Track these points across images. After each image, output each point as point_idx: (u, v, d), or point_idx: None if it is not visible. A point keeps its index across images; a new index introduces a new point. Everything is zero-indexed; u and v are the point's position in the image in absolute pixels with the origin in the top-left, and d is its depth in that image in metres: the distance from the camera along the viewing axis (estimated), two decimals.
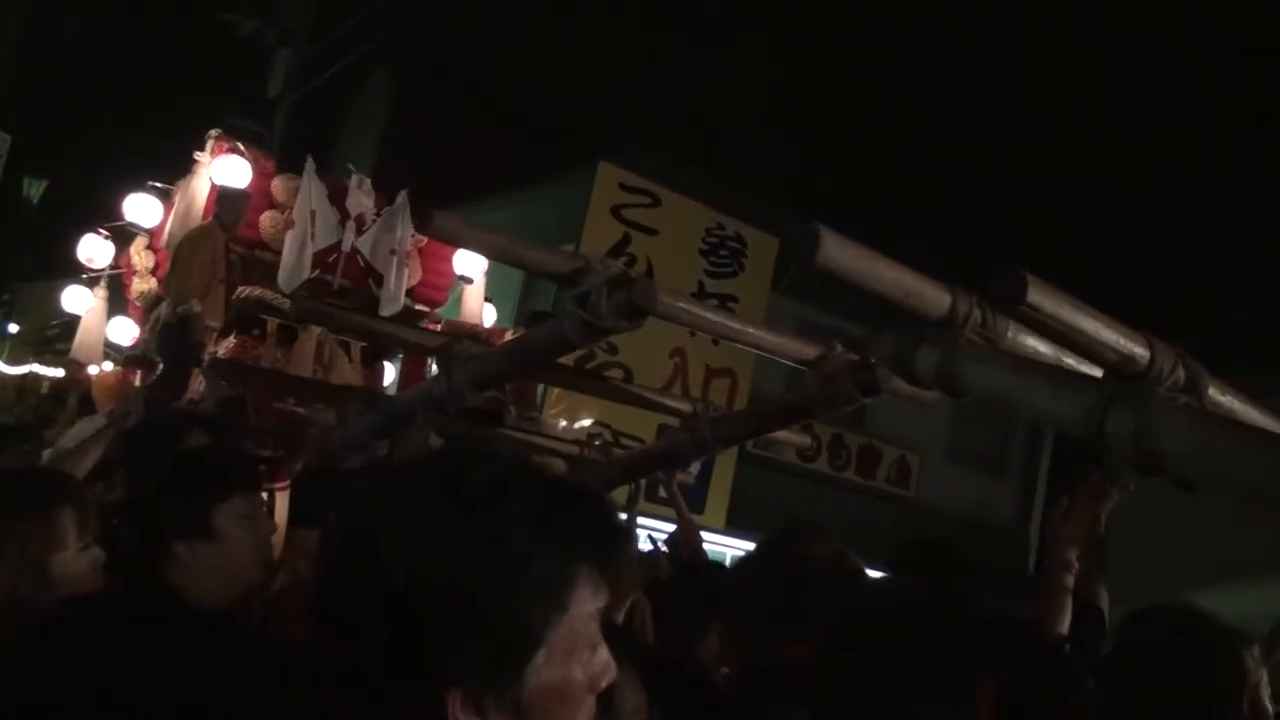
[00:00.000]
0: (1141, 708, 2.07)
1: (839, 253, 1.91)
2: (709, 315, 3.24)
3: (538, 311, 7.96)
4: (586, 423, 10.08)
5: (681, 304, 3.01)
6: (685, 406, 4.31)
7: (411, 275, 7.06)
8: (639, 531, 4.44)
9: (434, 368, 4.39)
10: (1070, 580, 2.70)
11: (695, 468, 5.48)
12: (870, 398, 3.28)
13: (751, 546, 2.77)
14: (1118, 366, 1.91)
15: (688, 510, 4.34)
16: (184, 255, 6.36)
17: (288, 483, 3.08)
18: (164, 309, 6.43)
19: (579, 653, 1.05)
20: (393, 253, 6.87)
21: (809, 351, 3.35)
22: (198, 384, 5.88)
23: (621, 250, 10.77)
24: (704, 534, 4.76)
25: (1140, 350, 1.92)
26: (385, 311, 6.73)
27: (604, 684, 1.08)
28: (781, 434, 4.66)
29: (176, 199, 7.12)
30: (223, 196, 6.52)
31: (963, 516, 14.16)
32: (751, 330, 3.39)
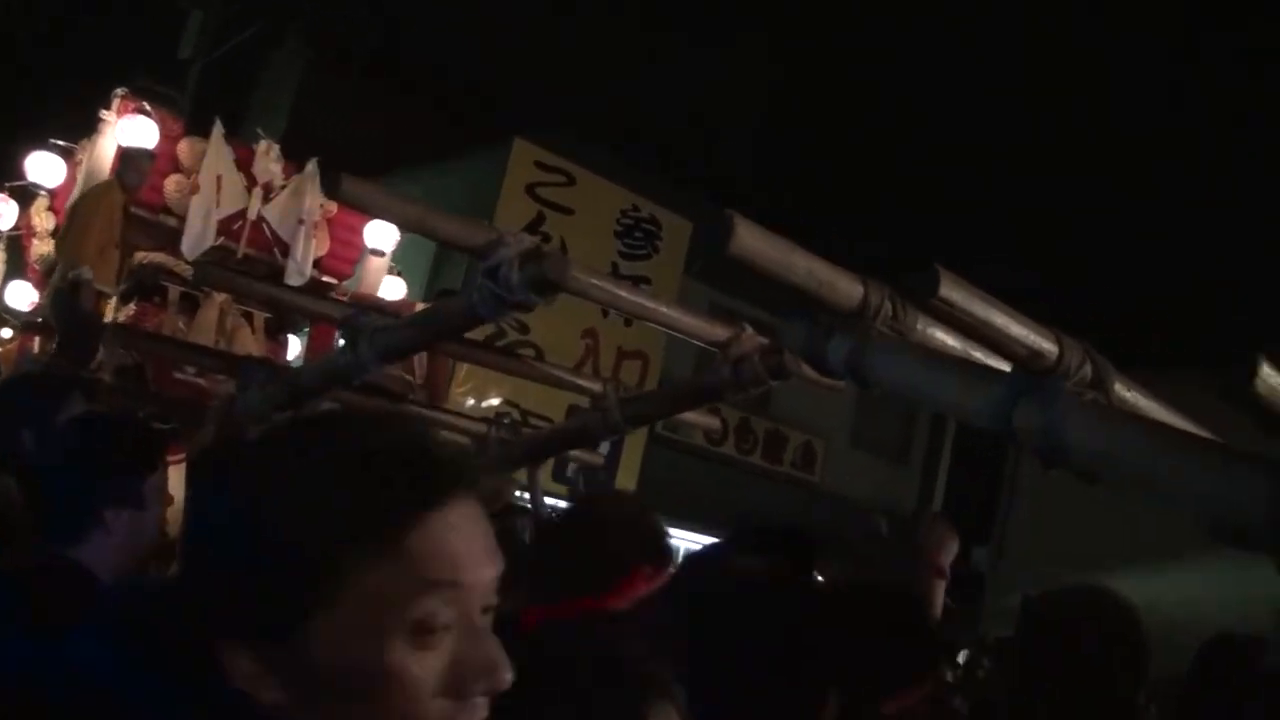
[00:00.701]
0: (1047, 687, 2.09)
1: (752, 242, 1.89)
2: (622, 293, 3.21)
3: (446, 290, 7.85)
4: (495, 401, 10.03)
5: (594, 280, 2.97)
6: (595, 386, 4.28)
7: (319, 246, 6.94)
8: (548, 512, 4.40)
9: (340, 340, 4.31)
10: (942, 588, 2.74)
11: (604, 448, 5.48)
12: (779, 381, 3.28)
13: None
14: (1026, 361, 1.93)
15: (543, 507, 4.27)
16: (80, 216, 6.15)
17: (181, 456, 3.00)
18: (57, 273, 6.22)
19: (405, 625, 0.86)
20: (300, 222, 6.73)
21: (720, 333, 3.34)
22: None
23: (535, 229, 10.69)
24: None
25: (1049, 345, 1.94)
26: (291, 282, 6.59)
27: (481, 690, 0.89)
28: (690, 416, 4.66)
29: (81, 159, 6.88)
30: (126, 156, 6.30)
31: (866, 502, 14.37)
32: (664, 309, 3.36)
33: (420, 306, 7.06)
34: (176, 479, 2.97)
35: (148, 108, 6.54)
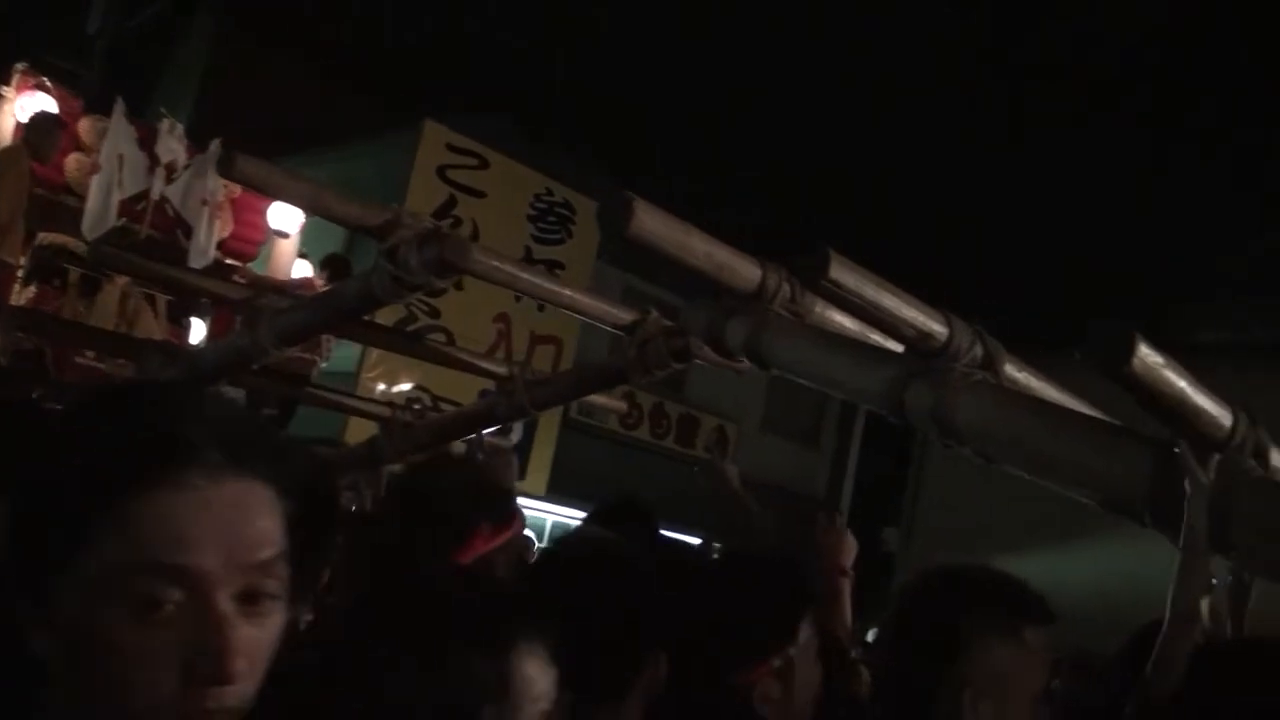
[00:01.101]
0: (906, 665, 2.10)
1: (651, 223, 1.90)
2: (525, 275, 3.21)
3: (334, 255, 7.63)
4: (406, 386, 9.94)
5: (496, 262, 2.97)
6: (503, 370, 4.27)
7: (222, 227, 6.83)
8: None
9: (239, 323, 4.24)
10: (849, 587, 2.78)
11: (517, 433, 5.45)
12: (683, 364, 3.31)
13: (573, 514, 2.78)
14: (917, 342, 1.97)
15: None
16: None
17: None
18: None
19: (129, 599, 0.85)
20: (204, 203, 6.62)
21: (625, 317, 3.36)
22: None
23: (447, 213, 10.58)
24: (525, 501, 4.72)
25: (939, 327, 1.98)
26: (194, 264, 6.49)
27: (207, 677, 0.86)
28: (599, 399, 4.67)
29: None
30: (35, 123, 6.09)
31: (778, 485, 14.54)
32: (568, 293, 3.37)
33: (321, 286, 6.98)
34: None
35: (48, 84, 6.38)
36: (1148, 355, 1.75)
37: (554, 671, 1.11)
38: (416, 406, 5.44)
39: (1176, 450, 1.90)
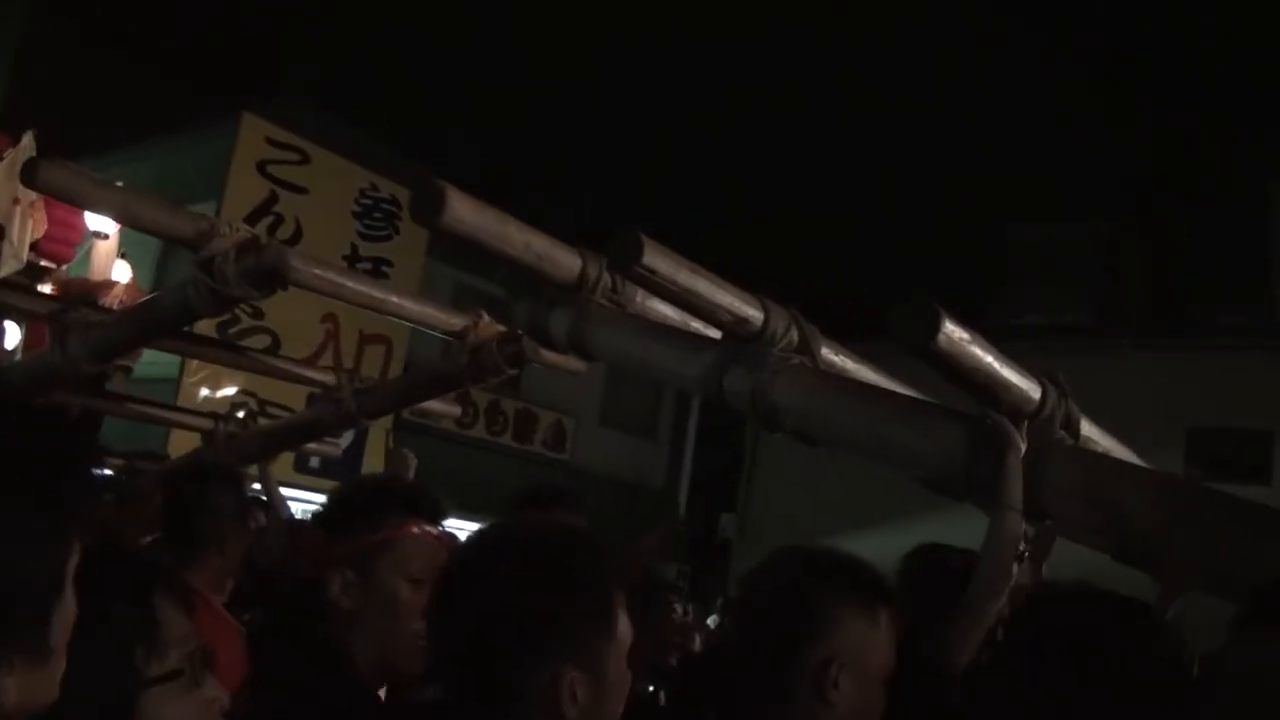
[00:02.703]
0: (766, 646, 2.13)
1: (465, 212, 1.87)
2: (349, 283, 3.12)
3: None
4: (230, 391, 9.59)
5: (318, 270, 2.88)
6: (331, 379, 4.15)
7: (36, 228, 6.42)
8: (291, 505, 4.22)
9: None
10: None
11: (346, 438, 5.32)
12: (517, 369, 3.29)
13: None
14: (733, 328, 1.99)
15: (282, 501, 4.11)
16: None
17: None
18: None
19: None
20: (16, 202, 6.21)
21: (457, 322, 3.31)
22: None
23: (268, 210, 10.24)
24: None
25: (754, 312, 2.01)
26: (6, 269, 6.10)
27: None
28: (434, 404, 4.58)
29: None
30: None
31: (617, 478, 14.63)
32: (395, 299, 3.30)
33: (143, 295, 6.68)
34: None
35: None
36: (953, 331, 1.81)
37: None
38: (241, 414, 5.24)
39: (988, 422, 1.98)
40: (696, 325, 2.34)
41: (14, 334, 6.64)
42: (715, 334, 2.25)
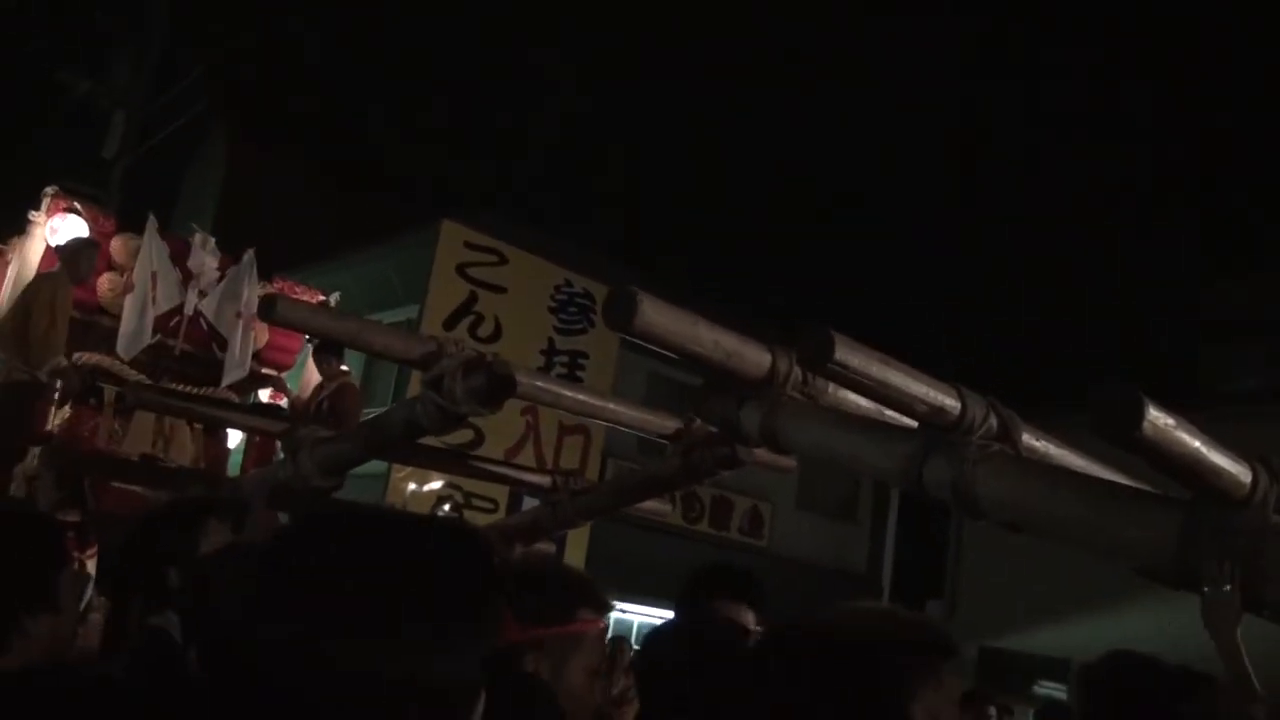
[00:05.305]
0: None
1: (657, 317, 1.91)
2: (567, 393, 3.18)
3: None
4: (436, 485, 9.94)
5: (539, 383, 2.99)
6: (538, 479, 4.25)
7: (258, 338, 6.84)
8: None
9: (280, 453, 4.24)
10: None
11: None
12: (730, 470, 3.30)
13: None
14: (930, 418, 1.97)
15: None
16: (25, 309, 5.90)
17: (94, 550, 2.96)
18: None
19: None
20: (238, 315, 6.63)
21: (669, 425, 3.36)
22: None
23: (469, 309, 10.69)
24: None
25: (951, 401, 1.97)
26: (229, 378, 6.50)
27: None
28: (646, 503, 4.64)
29: (10, 258, 6.74)
30: (71, 247, 6.12)
31: (816, 562, 14.40)
32: (611, 406, 3.36)
33: (358, 390, 7.01)
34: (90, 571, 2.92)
35: (78, 206, 6.47)
36: (1157, 418, 1.73)
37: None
38: (447, 508, 5.43)
39: (1197, 512, 1.88)
40: (891, 414, 2.32)
41: (234, 436, 7.07)
42: (910, 422, 2.23)
